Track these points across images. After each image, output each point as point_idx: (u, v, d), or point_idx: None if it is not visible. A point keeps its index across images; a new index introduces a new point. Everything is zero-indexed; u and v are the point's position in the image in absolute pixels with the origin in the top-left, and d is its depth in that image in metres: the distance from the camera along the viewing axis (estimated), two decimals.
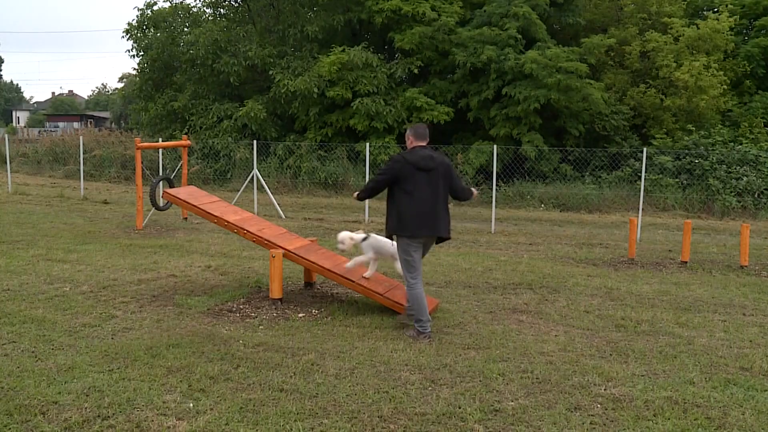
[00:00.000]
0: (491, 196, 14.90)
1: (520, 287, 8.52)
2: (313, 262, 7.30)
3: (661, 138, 19.80)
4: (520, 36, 20.42)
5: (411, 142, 6.47)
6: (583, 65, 19.46)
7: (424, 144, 6.45)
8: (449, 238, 6.57)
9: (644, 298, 8.00)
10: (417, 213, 6.21)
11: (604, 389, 4.97)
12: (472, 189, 6.84)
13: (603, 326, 6.75)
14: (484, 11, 21.80)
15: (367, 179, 15.79)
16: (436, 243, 6.65)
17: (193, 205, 7.82)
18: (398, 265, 6.71)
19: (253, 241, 7.54)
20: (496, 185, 15.02)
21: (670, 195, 17.78)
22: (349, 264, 7.23)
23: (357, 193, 6.86)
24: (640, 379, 5.18)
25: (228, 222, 7.57)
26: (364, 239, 7.16)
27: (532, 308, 7.45)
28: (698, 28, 20.79)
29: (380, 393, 4.84)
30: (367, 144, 16.43)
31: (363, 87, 21.14)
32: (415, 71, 22.16)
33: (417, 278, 6.34)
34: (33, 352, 5.65)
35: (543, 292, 8.29)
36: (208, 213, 7.70)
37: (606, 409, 4.62)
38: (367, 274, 7.17)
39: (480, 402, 4.71)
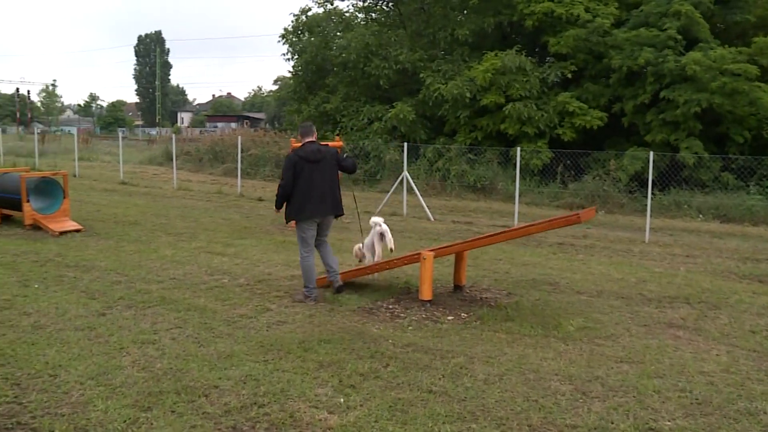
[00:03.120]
0: (646, 205, 14.25)
1: (676, 301, 8.09)
2: (467, 242, 7.83)
3: None
4: (680, 37, 19.39)
5: (301, 139, 7.60)
6: (753, 67, 18.17)
7: (312, 139, 7.56)
8: (342, 215, 7.78)
9: None
10: (311, 199, 7.35)
11: None
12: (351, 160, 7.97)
13: None
14: (641, 11, 20.90)
15: (518, 184, 15.77)
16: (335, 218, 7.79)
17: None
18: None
19: (405, 264, 7.83)
20: (651, 193, 14.32)
21: None
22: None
23: (275, 206, 7.75)
24: None
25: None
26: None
27: (689, 324, 7.05)
28: None
29: (529, 401, 4.76)
30: (518, 149, 16.20)
31: (515, 91, 20.88)
32: (569, 75, 21.62)
33: (310, 252, 7.57)
34: (196, 338, 6.02)
35: (702, 307, 7.82)
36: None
37: None
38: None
39: (634, 419, 4.52)
